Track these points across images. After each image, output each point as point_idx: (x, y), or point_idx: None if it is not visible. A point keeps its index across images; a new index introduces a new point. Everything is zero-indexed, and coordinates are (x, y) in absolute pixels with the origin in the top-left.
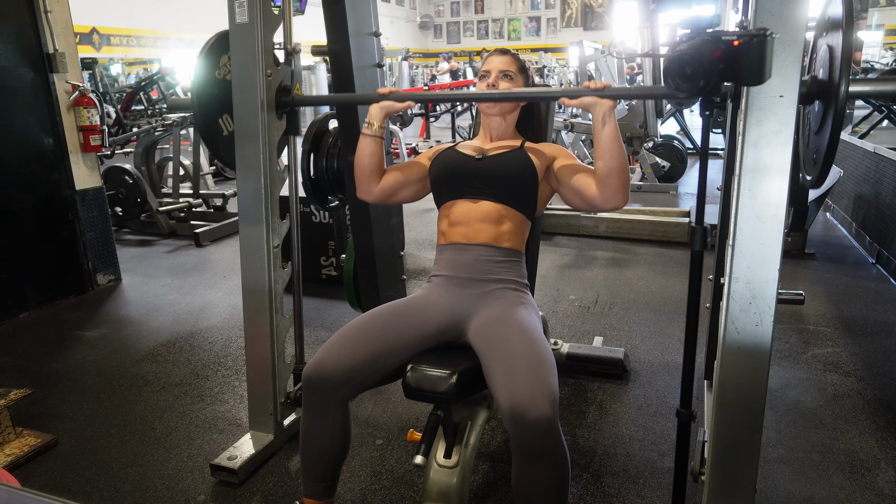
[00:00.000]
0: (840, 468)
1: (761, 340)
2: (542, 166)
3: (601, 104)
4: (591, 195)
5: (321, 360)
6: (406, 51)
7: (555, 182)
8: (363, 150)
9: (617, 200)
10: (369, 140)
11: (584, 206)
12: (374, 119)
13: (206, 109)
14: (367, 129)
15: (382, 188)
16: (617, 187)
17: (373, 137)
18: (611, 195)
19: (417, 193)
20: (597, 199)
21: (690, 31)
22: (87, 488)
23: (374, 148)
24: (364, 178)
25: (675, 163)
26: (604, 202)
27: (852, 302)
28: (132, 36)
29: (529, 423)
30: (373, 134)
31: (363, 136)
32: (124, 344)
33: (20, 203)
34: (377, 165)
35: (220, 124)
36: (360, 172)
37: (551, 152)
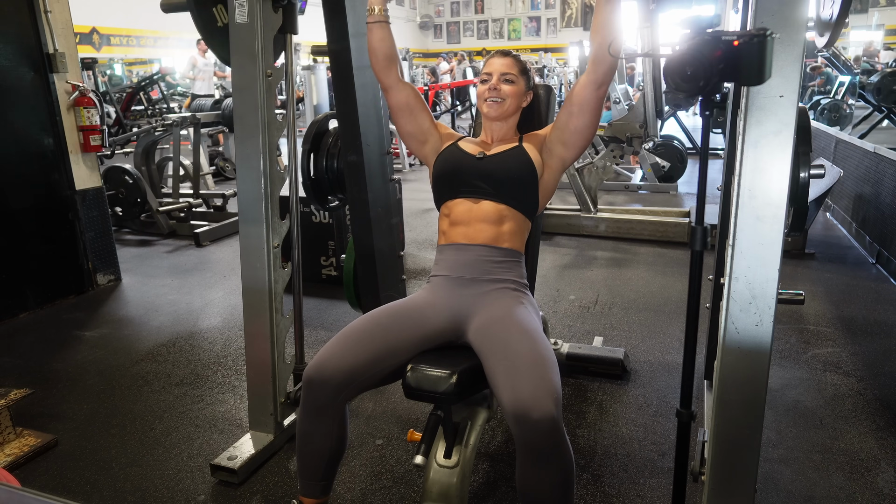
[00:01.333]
0: (840, 468)
1: (761, 340)
2: (539, 155)
3: None
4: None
5: (322, 361)
6: (406, 51)
7: (557, 144)
8: (373, 36)
9: (614, 46)
10: (375, 26)
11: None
12: (375, 3)
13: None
14: (370, 16)
15: (400, 88)
16: (611, 34)
17: (377, 23)
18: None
19: (414, 135)
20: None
21: (690, 31)
22: (87, 488)
23: (381, 33)
24: (380, 65)
25: (675, 163)
26: (598, 48)
27: (852, 302)
28: (132, 36)
29: (533, 422)
30: (376, 19)
31: (368, 24)
32: (124, 344)
33: (20, 203)
34: (389, 51)
35: (215, 14)
36: (374, 60)
37: (544, 129)
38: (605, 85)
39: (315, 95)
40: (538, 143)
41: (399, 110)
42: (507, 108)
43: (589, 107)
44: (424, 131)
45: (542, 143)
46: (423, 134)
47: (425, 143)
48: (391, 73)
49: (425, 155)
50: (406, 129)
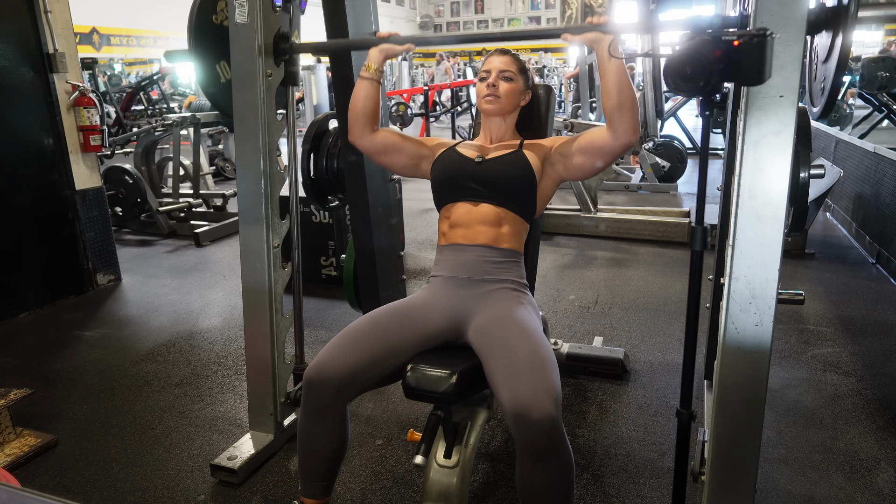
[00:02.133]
0: (840, 468)
1: (761, 340)
2: (540, 163)
3: (604, 39)
4: (601, 142)
5: (322, 362)
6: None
7: (560, 165)
8: (359, 92)
9: (628, 135)
10: (366, 83)
11: (598, 158)
12: (373, 61)
13: (204, 56)
14: (365, 71)
15: (374, 140)
16: (628, 122)
17: (370, 80)
18: (622, 130)
19: (406, 166)
20: (608, 141)
21: (690, 31)
22: (87, 488)
23: (369, 91)
24: (357, 122)
25: (675, 163)
26: (615, 139)
27: (852, 302)
28: (132, 36)
29: (533, 422)
30: (370, 77)
31: (360, 78)
32: (124, 344)
33: (20, 203)
34: (372, 110)
35: (218, 71)
36: (353, 115)
37: (549, 142)
38: (629, 145)
39: (315, 95)
40: (540, 152)
41: (378, 154)
42: (505, 105)
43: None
44: (414, 156)
45: (544, 154)
46: (414, 159)
47: (419, 164)
48: (366, 129)
49: (424, 171)
50: (396, 166)
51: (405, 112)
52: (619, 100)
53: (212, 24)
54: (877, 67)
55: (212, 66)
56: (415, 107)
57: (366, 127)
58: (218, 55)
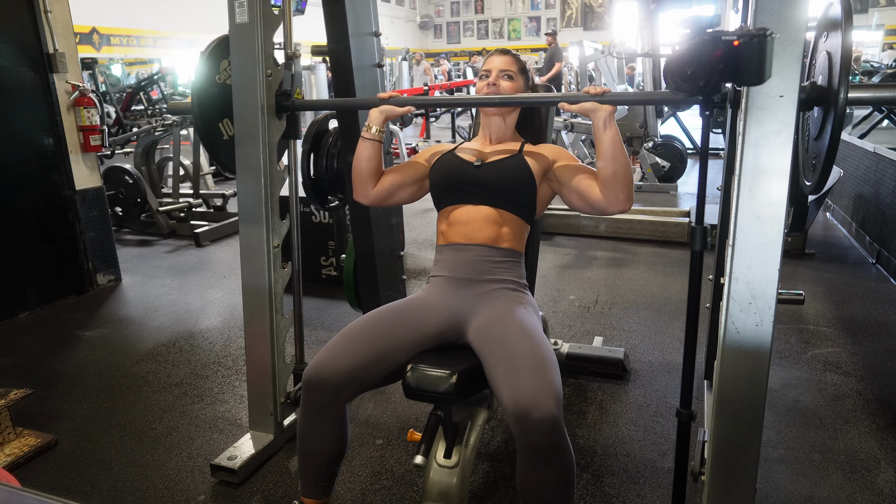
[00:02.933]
0: (840, 468)
1: (761, 340)
2: (540, 171)
3: (601, 109)
4: (594, 199)
5: (321, 362)
6: (406, 51)
7: (556, 184)
8: (361, 153)
9: (621, 204)
10: (368, 144)
11: (588, 209)
12: (374, 123)
13: (207, 113)
14: (366, 132)
15: (378, 191)
16: (621, 191)
17: (371, 141)
18: (615, 199)
19: (415, 194)
20: (601, 203)
21: (690, 31)
22: (87, 488)
23: (372, 152)
24: (361, 182)
25: (675, 163)
26: (608, 205)
27: (852, 302)
28: (132, 36)
29: (534, 422)
30: (371, 137)
31: (362, 139)
32: (124, 344)
33: (20, 203)
34: (374, 170)
35: (221, 128)
36: (357, 176)
37: (551, 154)
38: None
39: (315, 96)
40: (542, 162)
41: (385, 200)
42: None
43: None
44: (416, 182)
45: (547, 165)
46: (417, 184)
47: (423, 185)
48: (368, 185)
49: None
50: (406, 200)
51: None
52: (614, 169)
53: (214, 83)
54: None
55: (214, 124)
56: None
57: (368, 184)
58: (220, 113)
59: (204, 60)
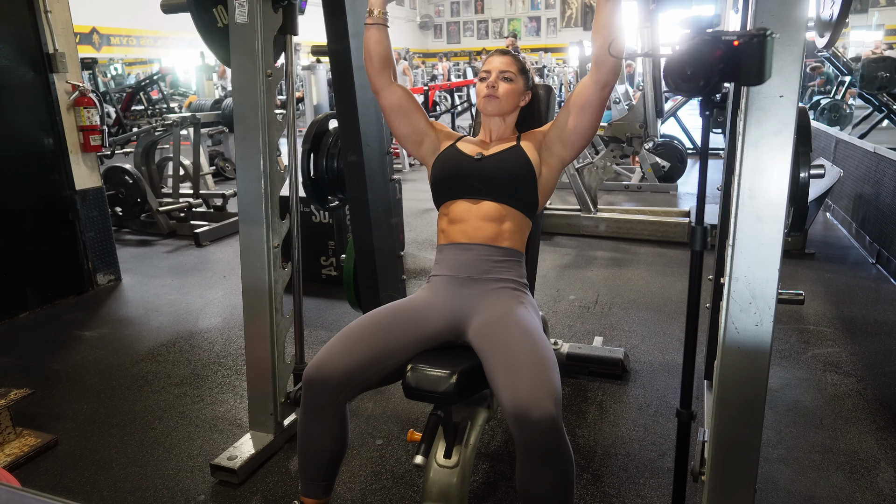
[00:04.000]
0: (840, 468)
1: (761, 340)
2: (537, 154)
3: None
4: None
5: (321, 362)
6: (406, 51)
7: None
8: (369, 39)
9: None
10: (373, 28)
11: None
12: (375, 6)
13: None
14: (369, 17)
15: (392, 92)
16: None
17: (376, 25)
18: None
19: (409, 136)
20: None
21: (690, 31)
22: (87, 488)
23: (378, 35)
24: (373, 66)
25: (675, 163)
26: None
27: (852, 302)
28: (132, 36)
29: (533, 422)
30: (375, 21)
31: (367, 25)
32: (124, 344)
33: (20, 203)
34: (384, 54)
35: (215, 14)
36: (368, 62)
37: (543, 127)
38: (610, 86)
39: (315, 95)
40: (536, 141)
41: (392, 112)
42: (504, 106)
43: (591, 107)
44: (419, 132)
45: (540, 142)
46: (419, 134)
47: (421, 143)
48: (384, 76)
49: (423, 155)
50: (401, 131)
51: None
52: (602, 20)
53: None
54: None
55: (209, 11)
56: None
57: (382, 72)
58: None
59: None
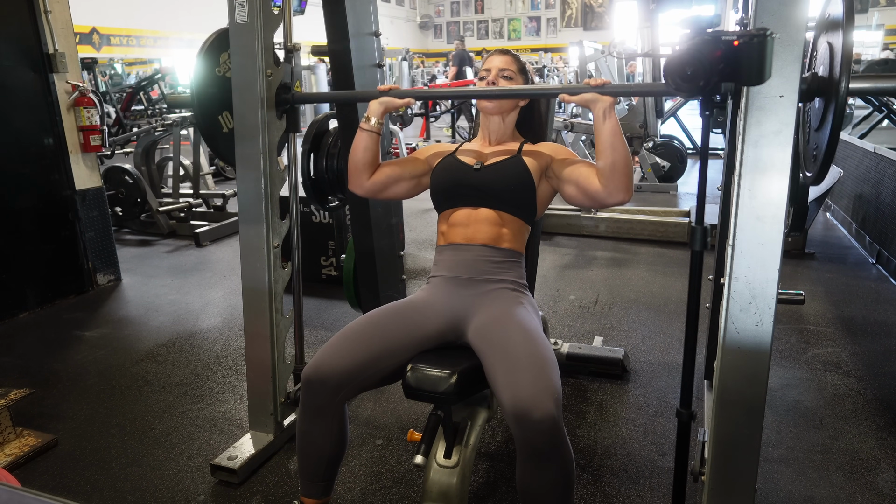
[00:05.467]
0: (840, 468)
1: (761, 340)
2: (539, 170)
3: (601, 101)
4: (594, 190)
5: (320, 361)
6: (406, 51)
7: (555, 181)
8: (358, 144)
9: (621, 195)
10: (365, 135)
11: (588, 201)
12: (373, 114)
13: (206, 107)
14: (365, 123)
15: (374, 182)
16: (621, 181)
17: (369, 132)
18: (615, 189)
19: (411, 191)
20: (601, 194)
21: (690, 31)
22: (87, 488)
23: (368, 143)
24: (356, 172)
25: (675, 163)
26: (608, 196)
27: (852, 302)
28: (132, 36)
29: (534, 422)
30: (370, 129)
31: (360, 129)
32: (124, 344)
33: (20, 203)
34: (370, 161)
35: (220, 121)
36: (352, 166)
37: (550, 152)
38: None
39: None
40: (540, 160)
41: (379, 193)
42: (504, 104)
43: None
44: (413, 178)
45: (546, 163)
46: (414, 180)
47: (420, 183)
48: (363, 176)
49: (426, 186)
50: (400, 195)
51: (405, 112)
52: (613, 160)
53: (214, 75)
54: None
55: (214, 117)
56: (415, 105)
57: (363, 175)
58: (220, 106)
59: (203, 53)
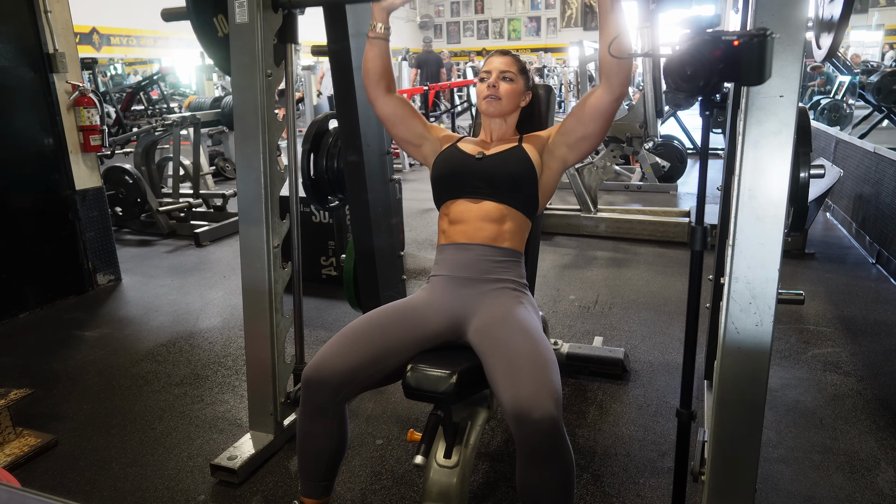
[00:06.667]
0: (840, 468)
1: (761, 340)
2: (539, 156)
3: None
4: (597, 100)
5: (320, 361)
6: (406, 51)
7: (562, 146)
8: (368, 53)
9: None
10: (374, 42)
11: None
12: (377, 20)
13: (201, 8)
14: (372, 31)
15: (388, 103)
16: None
17: (377, 39)
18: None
19: (409, 141)
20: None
21: (690, 31)
22: (87, 488)
23: (378, 50)
24: (371, 81)
25: (675, 163)
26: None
27: (852, 302)
28: (132, 36)
29: (534, 422)
30: (377, 36)
31: (369, 38)
32: (124, 344)
33: (20, 203)
34: (383, 68)
35: (215, 24)
36: (366, 74)
37: (547, 132)
38: (623, 96)
39: (315, 96)
40: (539, 144)
41: (388, 120)
42: (505, 106)
43: (603, 117)
44: (418, 136)
45: (543, 145)
46: (418, 138)
47: (421, 146)
48: (380, 87)
49: (424, 156)
50: (400, 136)
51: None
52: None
53: None
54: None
55: (209, 20)
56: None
57: (379, 84)
58: (215, 9)
59: None
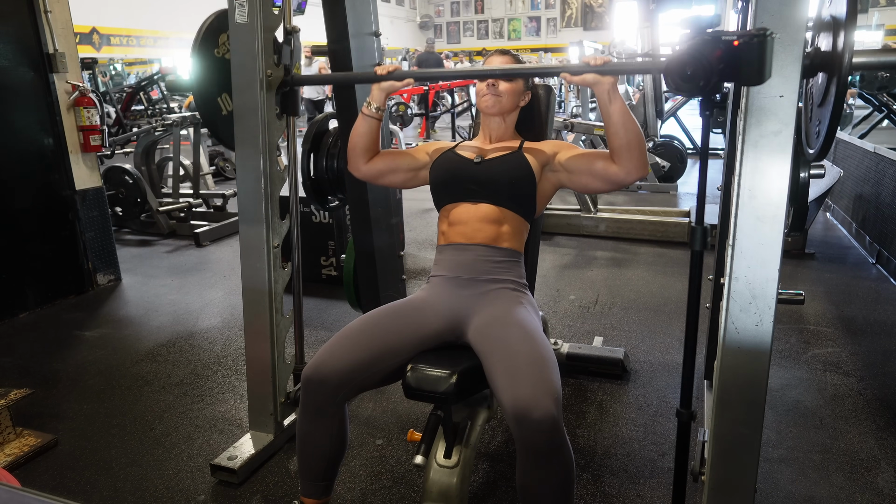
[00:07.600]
0: (840, 468)
1: (761, 340)
2: (540, 166)
3: (603, 82)
4: (612, 173)
5: (320, 361)
6: (406, 51)
7: (563, 174)
8: (358, 128)
9: (640, 170)
10: (366, 120)
11: (606, 185)
12: (375, 100)
13: (206, 89)
14: (366, 108)
15: (371, 168)
16: (638, 159)
17: (369, 117)
18: (633, 168)
19: (408, 181)
20: (619, 175)
21: (690, 31)
22: (87, 488)
23: (368, 128)
24: (354, 155)
25: (675, 163)
26: (626, 176)
27: (852, 302)
28: (132, 36)
29: (534, 422)
30: (370, 114)
31: (361, 114)
32: (124, 344)
33: (20, 203)
34: (369, 145)
35: (220, 103)
36: (351, 148)
37: (551, 148)
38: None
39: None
40: (541, 157)
41: (376, 179)
42: (505, 104)
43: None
44: (410, 170)
45: (547, 160)
46: (411, 172)
47: (417, 175)
48: (363, 159)
49: (423, 179)
50: (396, 184)
51: (405, 112)
52: (627, 140)
53: (213, 57)
54: None
55: (213, 99)
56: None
57: (361, 158)
58: (219, 88)
59: (202, 35)
